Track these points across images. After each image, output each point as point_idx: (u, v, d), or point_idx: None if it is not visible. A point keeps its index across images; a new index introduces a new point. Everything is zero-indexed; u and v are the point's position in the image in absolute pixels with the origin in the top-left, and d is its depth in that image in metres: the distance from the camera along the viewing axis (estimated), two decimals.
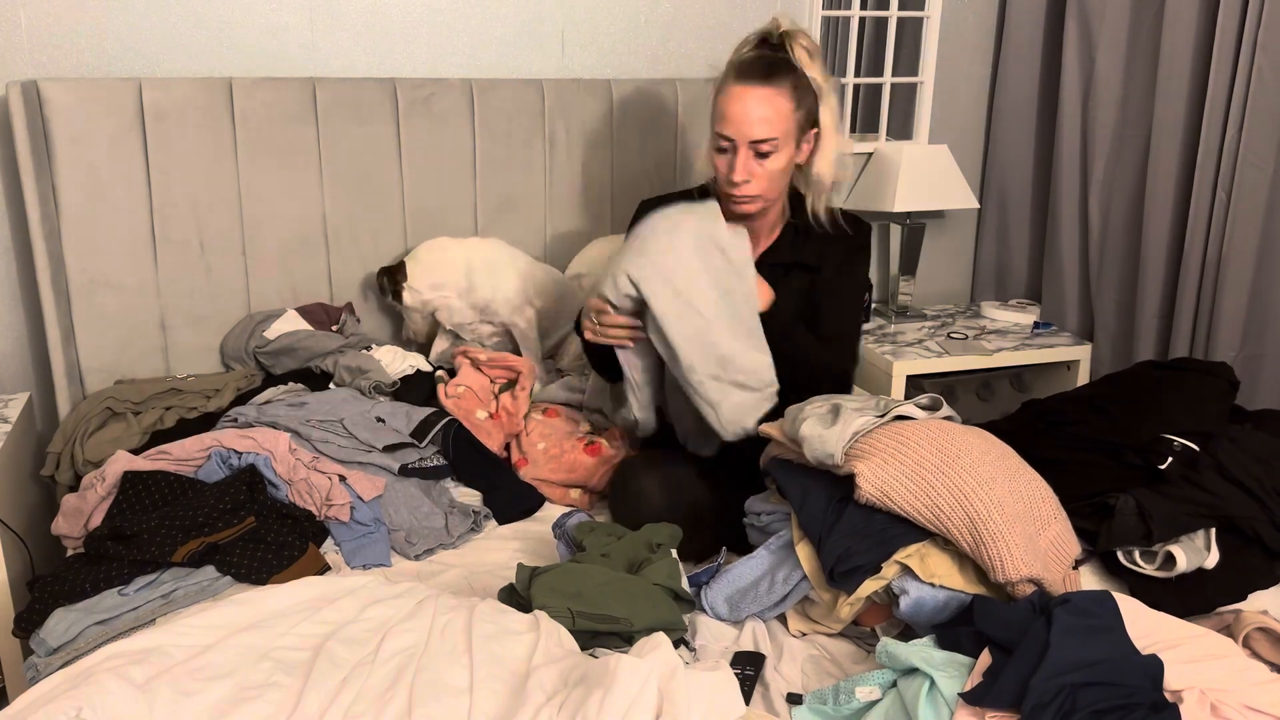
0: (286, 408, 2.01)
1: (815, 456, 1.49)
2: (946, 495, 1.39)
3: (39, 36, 2.18)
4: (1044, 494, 1.48)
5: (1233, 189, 2.37)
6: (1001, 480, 1.42)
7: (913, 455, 1.43)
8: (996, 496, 1.39)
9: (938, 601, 1.39)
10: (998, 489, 1.40)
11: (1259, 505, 1.59)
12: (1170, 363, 1.93)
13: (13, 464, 2.06)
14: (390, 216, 2.41)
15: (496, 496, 1.93)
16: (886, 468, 1.42)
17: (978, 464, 1.42)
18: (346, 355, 2.22)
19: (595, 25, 2.58)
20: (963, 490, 1.39)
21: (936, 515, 1.39)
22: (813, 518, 1.47)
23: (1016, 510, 1.40)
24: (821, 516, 1.47)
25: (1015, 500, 1.41)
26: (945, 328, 2.86)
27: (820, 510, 1.48)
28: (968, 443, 1.47)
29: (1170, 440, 1.68)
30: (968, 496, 1.38)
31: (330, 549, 1.73)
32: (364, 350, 2.27)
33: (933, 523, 1.40)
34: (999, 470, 1.43)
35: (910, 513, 1.41)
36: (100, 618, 1.48)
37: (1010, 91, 2.93)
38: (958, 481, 1.39)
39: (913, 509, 1.41)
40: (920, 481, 1.41)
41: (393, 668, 1.31)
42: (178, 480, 1.78)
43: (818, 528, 1.46)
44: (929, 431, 1.48)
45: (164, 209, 2.22)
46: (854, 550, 1.41)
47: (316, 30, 2.37)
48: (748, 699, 1.33)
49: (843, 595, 1.42)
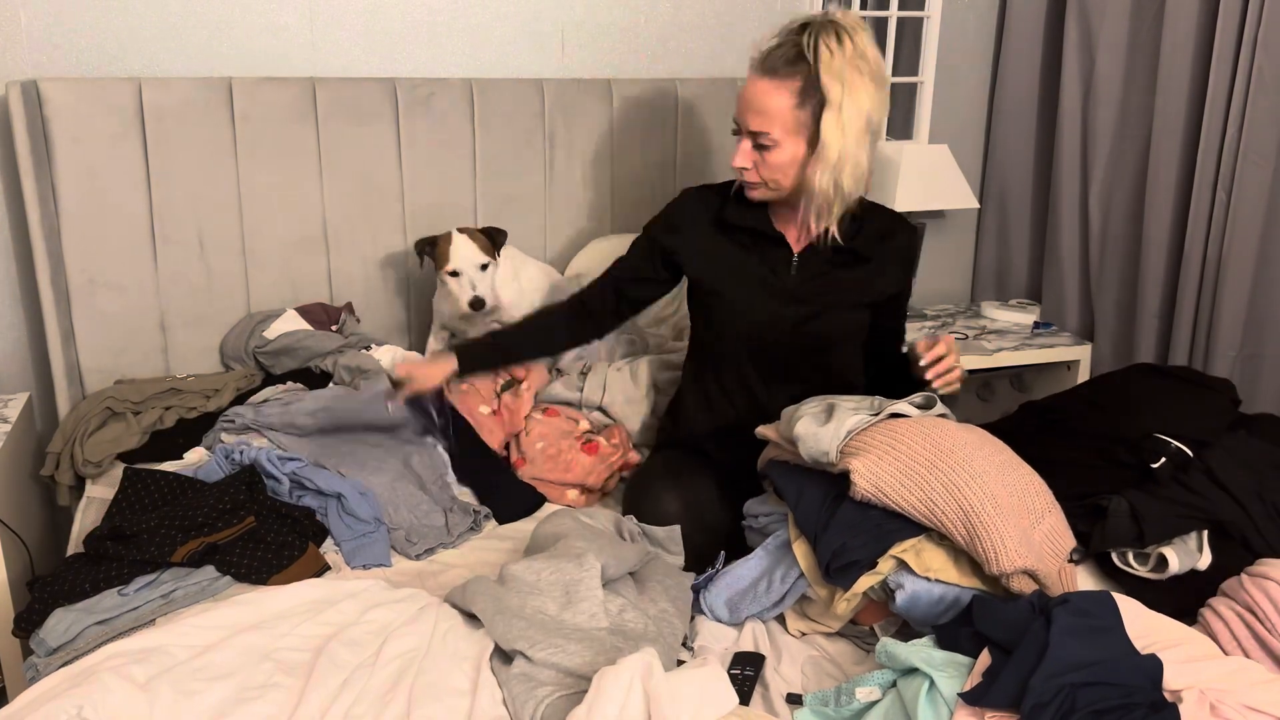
0: (281, 407, 2.02)
1: (810, 455, 1.49)
2: (940, 489, 1.39)
3: (39, 36, 2.18)
4: (1038, 487, 1.48)
5: (1233, 189, 2.37)
6: (994, 474, 1.42)
7: (906, 451, 1.43)
8: (990, 489, 1.39)
9: (934, 596, 1.40)
10: (991, 482, 1.40)
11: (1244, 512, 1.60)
12: (1172, 370, 1.93)
13: (13, 464, 2.06)
14: (390, 216, 2.41)
15: (496, 496, 1.93)
16: (880, 463, 1.43)
17: (971, 458, 1.43)
18: (346, 355, 2.22)
19: (595, 25, 2.58)
20: (956, 484, 1.39)
21: (931, 510, 1.39)
22: (808, 515, 1.48)
23: (1010, 503, 1.40)
24: (817, 514, 1.47)
25: (1009, 493, 1.41)
26: (945, 328, 2.86)
27: (816, 507, 1.48)
28: (961, 438, 1.47)
29: (1165, 440, 1.68)
30: (961, 490, 1.38)
31: (330, 549, 1.73)
32: (363, 350, 2.27)
33: (927, 517, 1.40)
34: (992, 464, 1.44)
35: (904, 507, 1.41)
36: (100, 618, 1.48)
37: (1010, 91, 2.93)
38: (951, 476, 1.40)
39: (907, 504, 1.41)
40: (914, 476, 1.41)
41: (393, 670, 1.31)
42: (177, 480, 1.78)
43: (813, 525, 1.47)
44: (922, 427, 1.48)
45: (164, 209, 2.22)
46: (850, 545, 1.41)
47: (316, 30, 2.37)
48: (747, 699, 1.34)
49: (839, 591, 1.42)
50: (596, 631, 1.35)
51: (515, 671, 1.28)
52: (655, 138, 2.57)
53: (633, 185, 2.59)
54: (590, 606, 1.38)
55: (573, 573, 1.42)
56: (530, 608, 1.38)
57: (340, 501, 1.78)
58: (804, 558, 1.47)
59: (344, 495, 1.78)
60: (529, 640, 1.29)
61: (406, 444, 1.99)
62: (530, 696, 1.23)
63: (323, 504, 1.79)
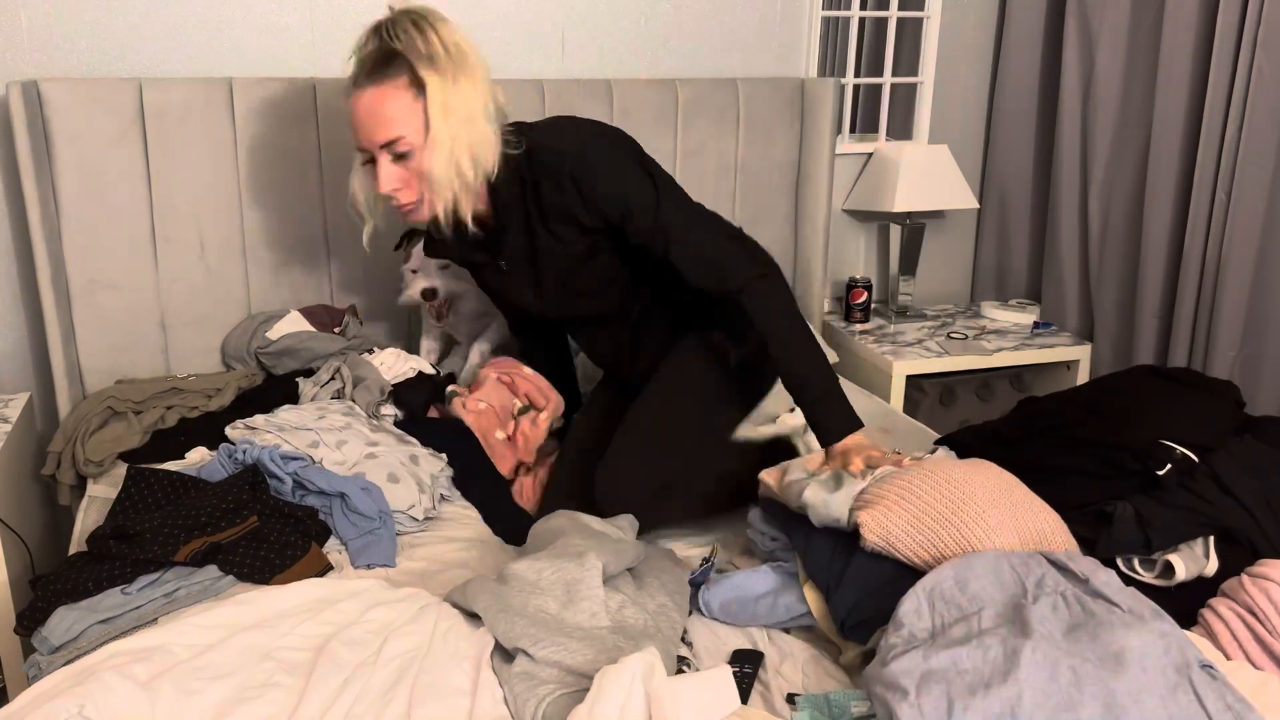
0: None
1: (822, 522, 1.48)
2: (953, 545, 1.38)
3: (39, 36, 2.18)
4: (1053, 526, 1.46)
5: (1233, 189, 2.37)
6: (1008, 525, 1.41)
7: (918, 503, 1.42)
8: (1004, 544, 1.38)
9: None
10: (1005, 535, 1.39)
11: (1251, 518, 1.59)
12: (1173, 372, 1.92)
13: (13, 464, 2.06)
14: (390, 216, 2.40)
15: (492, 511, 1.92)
16: (890, 515, 1.41)
17: (985, 510, 1.41)
18: (348, 358, 2.22)
19: (595, 25, 2.58)
20: (969, 541, 1.38)
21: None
22: (819, 564, 1.46)
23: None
24: (828, 565, 1.46)
25: (1025, 543, 1.40)
26: (945, 328, 2.86)
27: (826, 557, 1.46)
28: (972, 484, 1.45)
29: (1170, 447, 1.67)
30: (974, 548, 1.37)
31: (334, 548, 1.73)
32: (365, 354, 2.26)
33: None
34: (1005, 514, 1.42)
35: (916, 563, 1.40)
36: (103, 616, 1.48)
37: (1010, 91, 2.94)
38: (964, 532, 1.38)
39: (919, 559, 1.40)
40: (926, 532, 1.40)
41: (394, 669, 1.31)
42: (180, 479, 1.78)
43: (824, 576, 1.45)
44: (936, 477, 1.46)
45: (164, 209, 2.22)
46: (862, 604, 1.40)
47: (316, 30, 2.37)
48: (747, 697, 1.34)
49: (853, 644, 1.42)
50: (597, 630, 1.35)
51: (517, 670, 1.28)
52: (655, 139, 2.57)
53: None
54: (591, 605, 1.38)
55: (574, 572, 1.42)
56: (532, 607, 1.38)
57: (344, 500, 1.78)
58: (815, 604, 1.45)
59: (347, 494, 1.78)
60: (531, 638, 1.30)
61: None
62: (532, 695, 1.23)
63: (326, 504, 1.79)
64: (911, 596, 1.29)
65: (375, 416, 2.06)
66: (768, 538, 1.62)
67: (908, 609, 1.28)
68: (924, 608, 1.28)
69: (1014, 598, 1.27)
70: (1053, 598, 1.26)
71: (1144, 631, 1.16)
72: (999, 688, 1.10)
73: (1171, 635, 1.18)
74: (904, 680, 1.14)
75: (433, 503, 1.87)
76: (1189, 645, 1.17)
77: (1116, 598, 1.25)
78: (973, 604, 1.26)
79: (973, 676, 1.13)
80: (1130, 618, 1.21)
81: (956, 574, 1.31)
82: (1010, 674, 1.12)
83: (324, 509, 1.78)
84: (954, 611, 1.26)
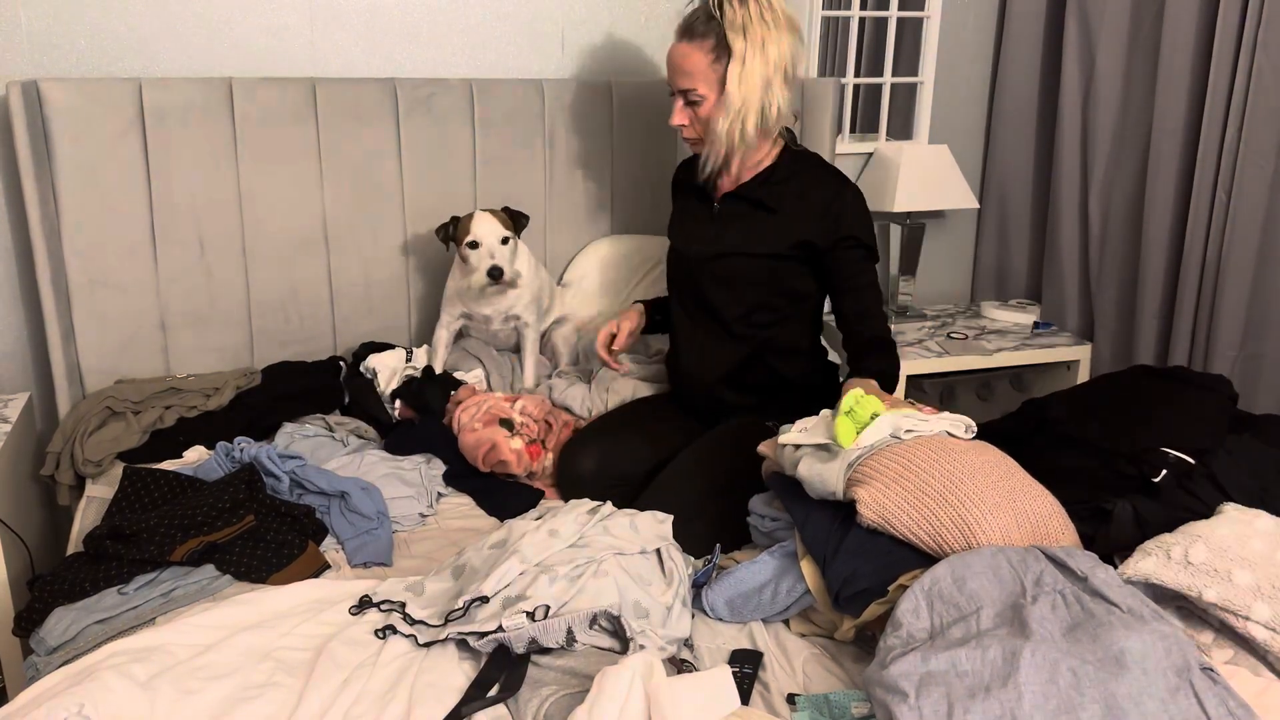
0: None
1: (817, 495, 1.49)
2: (950, 524, 1.38)
3: (39, 36, 2.18)
4: (1051, 510, 1.46)
5: (1233, 189, 2.37)
6: (1006, 506, 1.40)
7: (916, 480, 1.42)
8: (1001, 524, 1.38)
9: None
10: (1003, 516, 1.39)
11: None
12: (1166, 372, 1.92)
13: (13, 464, 2.06)
14: (390, 216, 2.41)
15: (492, 497, 1.93)
16: (888, 492, 1.41)
17: (983, 490, 1.40)
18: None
19: (595, 25, 2.58)
20: (966, 521, 1.37)
21: (939, 544, 1.38)
22: (816, 537, 1.47)
23: (1022, 535, 1.39)
24: (825, 537, 1.46)
25: (1020, 524, 1.40)
26: (945, 328, 2.86)
27: (824, 532, 1.47)
28: (971, 464, 1.44)
29: (1165, 453, 1.67)
30: (971, 527, 1.37)
31: (331, 546, 1.73)
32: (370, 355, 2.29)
33: (936, 550, 1.39)
34: (1003, 495, 1.42)
35: (912, 540, 1.40)
36: (100, 616, 1.48)
37: (1010, 91, 2.94)
38: (961, 512, 1.38)
39: (915, 536, 1.40)
40: (922, 509, 1.39)
41: (394, 670, 1.31)
42: (177, 478, 1.78)
43: (821, 548, 1.45)
44: (936, 454, 1.46)
45: (164, 209, 2.22)
46: (859, 573, 1.40)
47: (316, 30, 2.37)
48: (746, 697, 1.33)
49: (847, 616, 1.42)
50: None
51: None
52: (655, 138, 2.57)
53: (633, 185, 2.59)
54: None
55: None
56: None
57: (343, 500, 1.78)
58: (812, 578, 1.46)
59: (347, 493, 1.78)
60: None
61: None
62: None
63: (324, 503, 1.79)
64: (909, 596, 1.29)
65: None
66: (767, 519, 1.62)
67: (906, 609, 1.28)
68: (922, 608, 1.28)
69: (1013, 596, 1.27)
70: (1052, 597, 1.26)
71: (1144, 633, 1.16)
72: (999, 690, 1.10)
73: (1172, 637, 1.17)
74: (903, 683, 1.14)
75: (430, 502, 1.89)
76: (1189, 647, 1.17)
77: (1116, 597, 1.25)
78: (971, 603, 1.26)
79: (972, 679, 1.13)
80: (1130, 618, 1.21)
81: (954, 572, 1.30)
82: (1010, 676, 1.11)
83: (321, 508, 1.79)
84: (952, 611, 1.26)
